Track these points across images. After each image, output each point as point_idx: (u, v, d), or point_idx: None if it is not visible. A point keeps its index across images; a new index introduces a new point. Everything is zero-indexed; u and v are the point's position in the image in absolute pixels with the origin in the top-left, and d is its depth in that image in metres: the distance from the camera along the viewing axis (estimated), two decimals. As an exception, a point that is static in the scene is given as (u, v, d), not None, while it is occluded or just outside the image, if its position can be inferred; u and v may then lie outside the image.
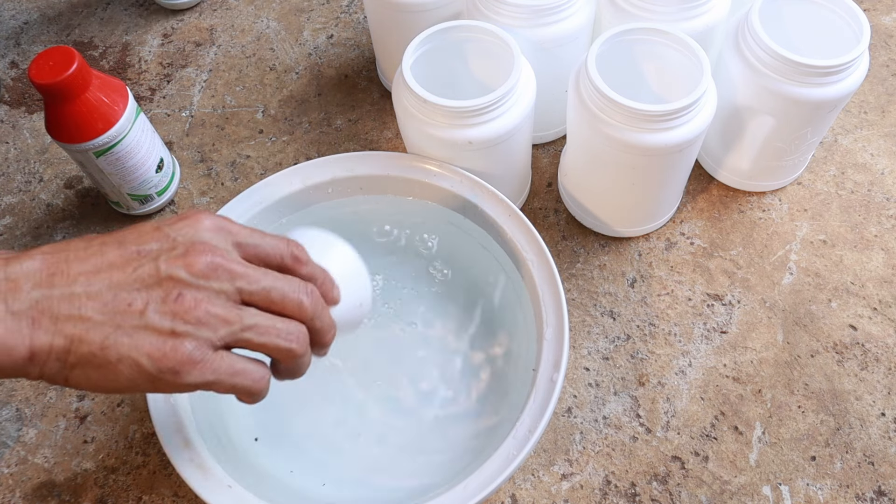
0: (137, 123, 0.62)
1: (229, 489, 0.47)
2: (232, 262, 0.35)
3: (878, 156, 0.70)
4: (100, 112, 0.59)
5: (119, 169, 0.63)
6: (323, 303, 0.39)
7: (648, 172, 0.57)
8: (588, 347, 0.61)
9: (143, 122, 0.63)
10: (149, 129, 0.64)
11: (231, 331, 0.35)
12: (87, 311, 0.33)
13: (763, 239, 0.65)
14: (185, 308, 0.33)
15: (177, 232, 0.35)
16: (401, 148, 0.72)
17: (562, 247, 0.66)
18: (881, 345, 0.60)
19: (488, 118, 0.54)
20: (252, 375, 0.37)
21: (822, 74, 0.54)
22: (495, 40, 0.57)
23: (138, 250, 0.34)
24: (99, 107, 0.58)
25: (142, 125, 0.63)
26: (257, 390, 0.38)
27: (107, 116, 0.59)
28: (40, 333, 0.32)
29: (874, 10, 0.80)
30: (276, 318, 0.37)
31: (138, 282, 0.34)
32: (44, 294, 0.32)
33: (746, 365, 0.59)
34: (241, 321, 0.35)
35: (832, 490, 0.54)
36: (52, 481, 0.57)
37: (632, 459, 0.56)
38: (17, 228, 0.70)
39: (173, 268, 0.34)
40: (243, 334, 0.35)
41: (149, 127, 0.65)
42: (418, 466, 0.54)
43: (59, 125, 0.59)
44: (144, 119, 0.64)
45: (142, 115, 0.63)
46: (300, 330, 0.38)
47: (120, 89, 0.60)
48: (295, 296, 0.37)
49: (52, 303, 0.32)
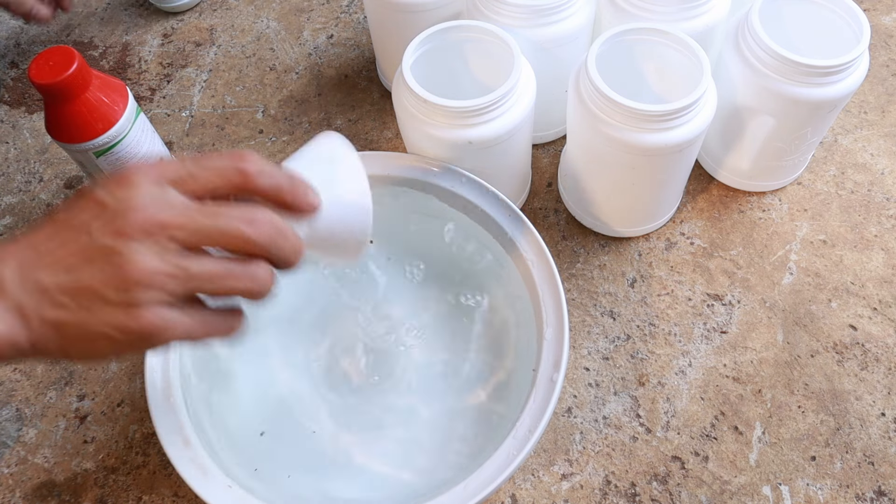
0: (137, 123, 0.62)
1: (229, 489, 0.47)
2: (162, 213, 0.33)
3: (878, 156, 0.70)
4: (100, 112, 0.58)
5: (119, 169, 0.63)
6: (278, 224, 0.36)
7: (648, 172, 0.57)
8: (588, 347, 0.61)
9: (143, 122, 0.63)
10: (149, 129, 0.64)
11: (181, 285, 0.34)
12: (60, 298, 0.34)
13: (763, 239, 0.65)
14: (127, 275, 0.33)
15: (109, 195, 0.34)
16: (401, 148, 0.72)
17: (562, 247, 0.66)
18: (881, 345, 0.60)
19: (488, 118, 0.54)
20: (225, 323, 0.37)
21: (822, 74, 0.54)
22: (495, 40, 0.57)
23: (75, 224, 0.34)
24: (99, 107, 0.58)
25: (142, 125, 0.63)
26: (235, 331, 0.38)
27: (107, 117, 0.59)
28: (35, 326, 0.34)
29: (874, 10, 0.80)
30: (227, 260, 0.35)
31: (82, 258, 0.34)
32: (25, 292, 0.34)
33: (746, 365, 0.59)
34: (187, 272, 0.34)
35: (832, 490, 0.54)
36: (52, 481, 0.57)
37: (632, 459, 0.56)
38: (17, 228, 0.70)
39: (105, 237, 0.33)
40: (194, 284, 0.34)
41: (149, 127, 0.64)
42: (419, 466, 0.54)
43: (58, 125, 0.58)
44: (144, 119, 0.64)
45: (142, 114, 0.63)
46: (254, 267, 0.35)
47: (120, 89, 0.60)
48: (234, 229, 0.34)
49: (32, 299, 0.34)
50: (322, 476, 0.54)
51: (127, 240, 0.33)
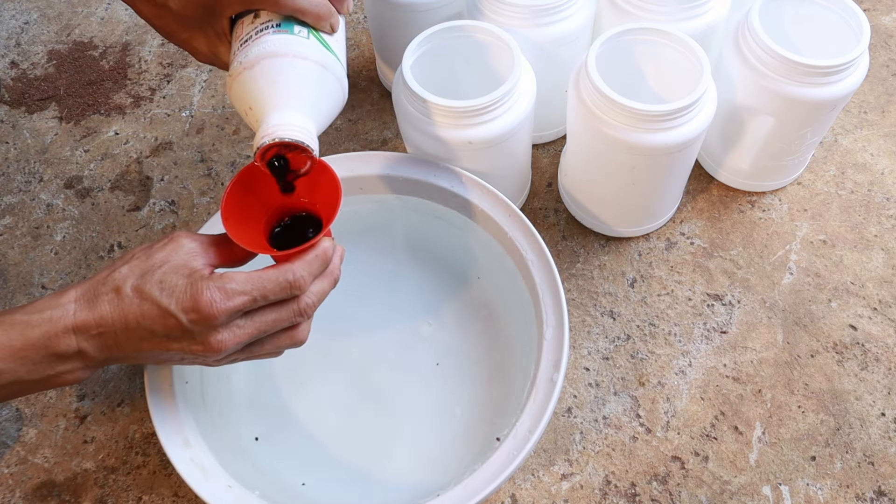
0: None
1: (229, 489, 0.47)
2: (238, 338, 0.42)
3: (878, 156, 0.70)
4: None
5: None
6: (313, 299, 0.45)
7: (648, 172, 0.57)
8: (588, 347, 0.61)
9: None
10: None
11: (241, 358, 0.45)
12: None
13: (763, 239, 0.65)
14: (209, 365, 0.45)
15: (193, 325, 0.41)
16: (401, 148, 0.72)
17: (562, 247, 0.66)
18: (881, 345, 0.60)
19: (488, 118, 0.54)
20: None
21: (822, 74, 0.54)
22: (495, 40, 0.57)
23: (167, 337, 0.42)
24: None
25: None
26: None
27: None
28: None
29: (874, 10, 0.80)
30: (270, 350, 0.46)
31: (169, 354, 0.44)
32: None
33: (746, 365, 0.59)
34: (247, 356, 0.45)
35: (832, 490, 0.54)
36: (52, 481, 0.57)
37: (632, 459, 0.56)
38: (17, 228, 0.70)
39: (193, 355, 0.43)
40: (242, 356, 0.45)
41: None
42: (420, 466, 0.54)
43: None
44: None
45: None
46: (291, 341, 0.46)
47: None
48: (283, 347, 0.46)
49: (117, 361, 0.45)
50: (322, 477, 0.54)
51: (212, 356, 0.43)
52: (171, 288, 0.41)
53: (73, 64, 0.82)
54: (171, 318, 0.41)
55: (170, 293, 0.41)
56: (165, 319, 0.41)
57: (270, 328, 0.43)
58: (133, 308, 0.41)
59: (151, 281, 0.41)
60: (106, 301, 0.42)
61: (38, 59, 0.83)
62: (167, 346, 0.42)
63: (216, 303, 0.41)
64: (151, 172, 0.73)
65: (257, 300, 0.42)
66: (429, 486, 0.51)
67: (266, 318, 0.43)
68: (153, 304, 0.41)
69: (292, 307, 0.43)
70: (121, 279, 0.42)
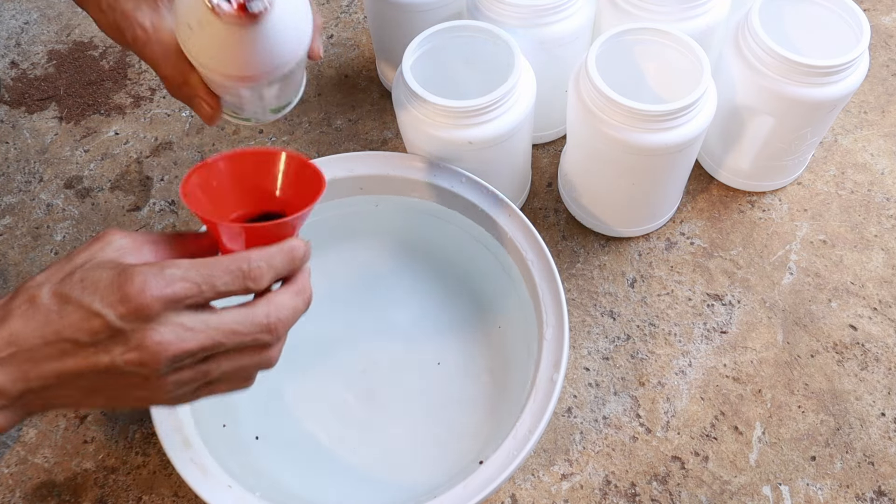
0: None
1: (229, 489, 0.46)
2: (186, 343, 0.34)
3: (878, 156, 0.70)
4: None
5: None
6: (285, 314, 0.37)
7: (648, 172, 0.57)
8: (588, 347, 0.61)
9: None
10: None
11: (198, 384, 0.36)
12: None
13: (763, 239, 0.65)
14: (155, 388, 0.35)
15: (122, 320, 0.33)
16: (401, 148, 0.72)
17: (562, 247, 0.66)
18: (881, 345, 0.60)
19: (488, 118, 0.54)
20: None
21: (822, 74, 0.54)
22: (495, 40, 0.57)
23: (94, 346, 0.34)
24: None
25: None
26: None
27: None
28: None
29: (874, 10, 0.80)
30: (231, 370, 0.37)
31: (102, 374, 0.34)
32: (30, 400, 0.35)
33: (746, 365, 0.59)
34: (206, 378, 0.36)
35: (832, 490, 0.54)
36: (52, 481, 0.57)
37: (632, 459, 0.56)
38: (17, 228, 0.70)
39: (130, 368, 0.33)
40: (207, 389, 0.37)
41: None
42: (419, 466, 0.54)
43: None
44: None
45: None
46: (258, 364, 0.38)
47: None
48: (251, 342, 0.36)
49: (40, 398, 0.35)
50: (322, 476, 0.54)
51: (154, 369, 0.33)
52: (94, 283, 0.33)
53: (73, 64, 0.82)
54: (95, 319, 0.33)
55: (93, 289, 0.33)
56: (90, 321, 0.33)
57: (228, 339, 0.35)
58: (51, 315, 0.33)
59: (71, 282, 0.34)
60: (18, 314, 0.34)
61: (38, 59, 0.82)
62: (96, 361, 0.33)
63: (150, 289, 0.32)
64: (151, 172, 0.73)
65: (203, 290, 0.34)
66: (428, 486, 0.51)
67: (223, 322, 0.35)
68: (75, 305, 0.33)
69: (258, 318, 0.36)
70: (35, 287, 0.34)
